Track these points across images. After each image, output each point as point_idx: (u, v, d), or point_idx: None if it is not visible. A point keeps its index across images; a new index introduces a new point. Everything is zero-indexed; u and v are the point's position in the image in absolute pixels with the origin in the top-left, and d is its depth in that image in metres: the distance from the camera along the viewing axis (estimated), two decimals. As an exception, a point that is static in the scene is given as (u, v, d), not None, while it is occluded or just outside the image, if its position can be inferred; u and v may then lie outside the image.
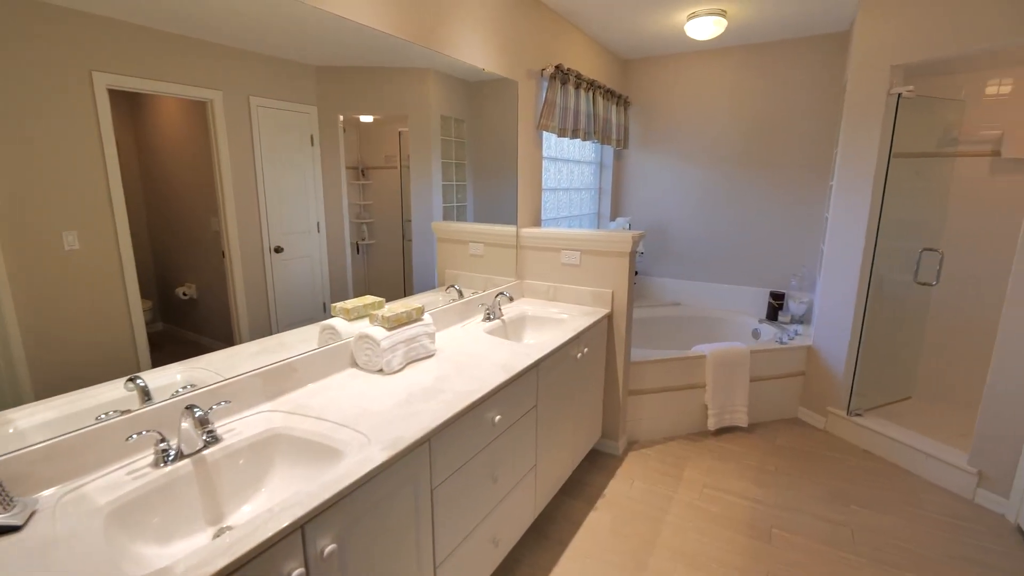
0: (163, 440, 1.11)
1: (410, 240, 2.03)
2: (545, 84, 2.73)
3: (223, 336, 1.39)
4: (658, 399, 2.77)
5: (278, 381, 1.44)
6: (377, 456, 1.12)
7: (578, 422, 2.25)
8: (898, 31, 2.44)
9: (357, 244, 1.76)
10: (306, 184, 1.58)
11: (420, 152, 2.01)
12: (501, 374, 1.59)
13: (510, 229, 2.62)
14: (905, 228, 2.82)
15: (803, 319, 3.43)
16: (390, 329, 1.63)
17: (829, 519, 2.15)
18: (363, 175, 1.76)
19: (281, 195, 1.50)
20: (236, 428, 1.26)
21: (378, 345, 1.58)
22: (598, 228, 4.02)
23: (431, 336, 1.77)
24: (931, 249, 2.78)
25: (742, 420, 2.86)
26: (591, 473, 2.46)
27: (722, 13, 2.77)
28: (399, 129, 1.91)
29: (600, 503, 2.23)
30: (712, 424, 2.81)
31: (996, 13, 2.11)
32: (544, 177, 3.16)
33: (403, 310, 1.69)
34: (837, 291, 2.81)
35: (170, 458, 1.10)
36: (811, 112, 3.29)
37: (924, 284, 2.82)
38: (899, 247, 2.82)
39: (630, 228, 3.85)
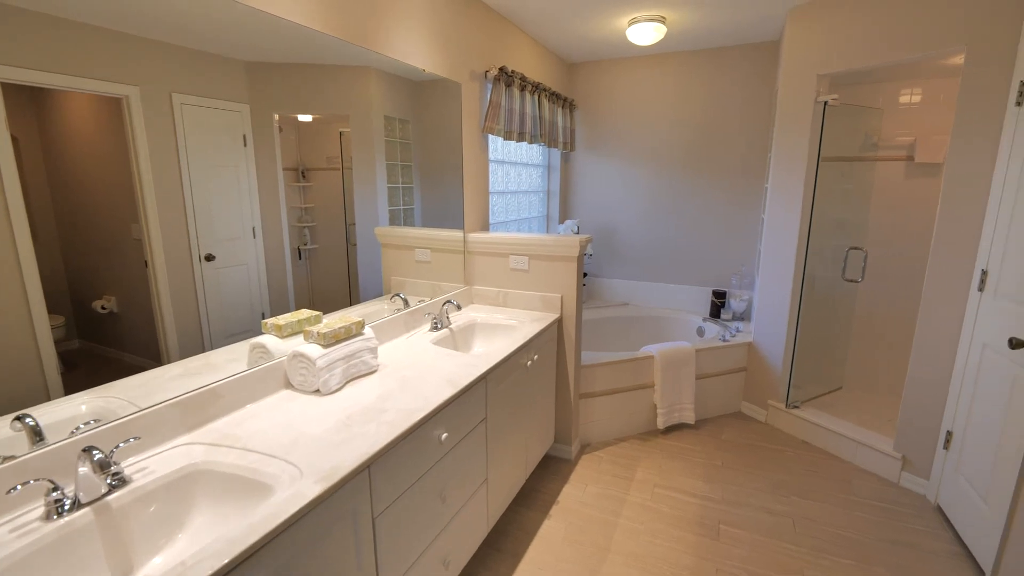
0: (56, 488, 0.97)
1: (355, 244, 1.94)
2: (489, 86, 2.68)
3: (150, 353, 1.26)
4: (609, 401, 2.79)
5: (200, 409, 1.32)
6: (310, 490, 1.03)
7: (530, 430, 2.22)
8: (822, 42, 2.57)
9: (299, 249, 1.66)
10: (240, 187, 1.47)
11: (363, 153, 1.93)
12: (448, 389, 1.53)
13: (457, 234, 2.56)
14: (833, 228, 2.98)
15: (744, 316, 3.57)
16: (327, 346, 1.53)
17: (772, 511, 2.23)
18: (303, 177, 1.67)
19: (211, 199, 1.38)
20: (149, 466, 1.13)
21: (313, 364, 1.47)
22: (547, 231, 4.02)
23: (373, 351, 1.68)
24: (856, 248, 2.95)
25: (690, 417, 2.93)
26: (545, 480, 2.44)
27: (661, 19, 2.82)
28: (340, 129, 1.83)
29: (554, 510, 2.21)
30: (661, 423, 2.87)
31: (907, 29, 2.25)
32: (491, 180, 3.12)
33: (341, 325, 1.59)
34: (774, 289, 2.93)
35: (65, 509, 0.97)
36: (746, 118, 3.42)
37: (851, 281, 2.99)
38: (828, 246, 2.98)
39: (579, 230, 3.88)
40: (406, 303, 2.19)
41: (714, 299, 3.62)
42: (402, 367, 1.73)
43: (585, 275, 3.97)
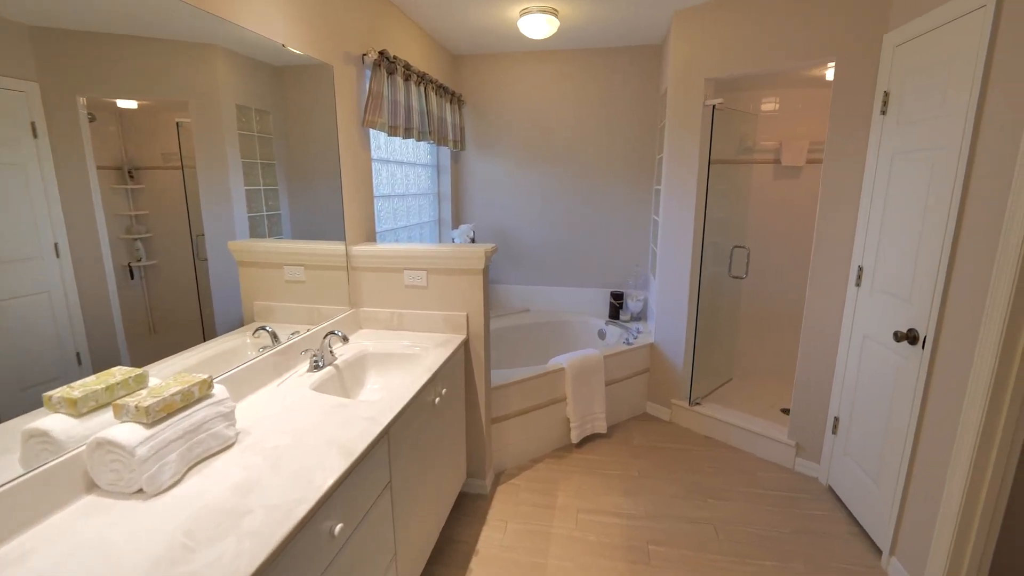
0: None
1: (205, 259, 1.50)
2: (368, 73, 2.29)
3: None
4: (521, 422, 2.58)
5: (-87, 565, 0.80)
6: None
7: (443, 473, 1.91)
8: (709, 47, 2.61)
9: (130, 267, 1.28)
10: (29, 191, 1.03)
11: (210, 149, 1.51)
12: (338, 460, 1.17)
13: (337, 247, 2.14)
14: (718, 228, 3.09)
15: (641, 316, 3.60)
16: (153, 423, 1.07)
17: (693, 519, 2.19)
18: (131, 177, 1.28)
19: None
20: None
21: (131, 455, 1.01)
22: (439, 236, 3.71)
23: (228, 416, 1.24)
24: (740, 246, 3.10)
25: (602, 427, 2.84)
26: (460, 524, 2.15)
27: (554, 12, 2.67)
28: (177, 119, 1.40)
29: (474, 563, 1.93)
30: (575, 437, 2.73)
31: (785, 39, 2.35)
32: (376, 182, 2.72)
33: (177, 389, 1.14)
34: (672, 289, 2.96)
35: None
36: (636, 119, 3.44)
37: (737, 277, 3.13)
38: (714, 245, 3.08)
39: (474, 235, 3.62)
40: (275, 337, 1.74)
41: (612, 300, 3.61)
42: (272, 433, 1.31)
43: (483, 282, 3.72)
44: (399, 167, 3.06)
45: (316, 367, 1.76)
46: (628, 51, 3.36)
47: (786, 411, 2.96)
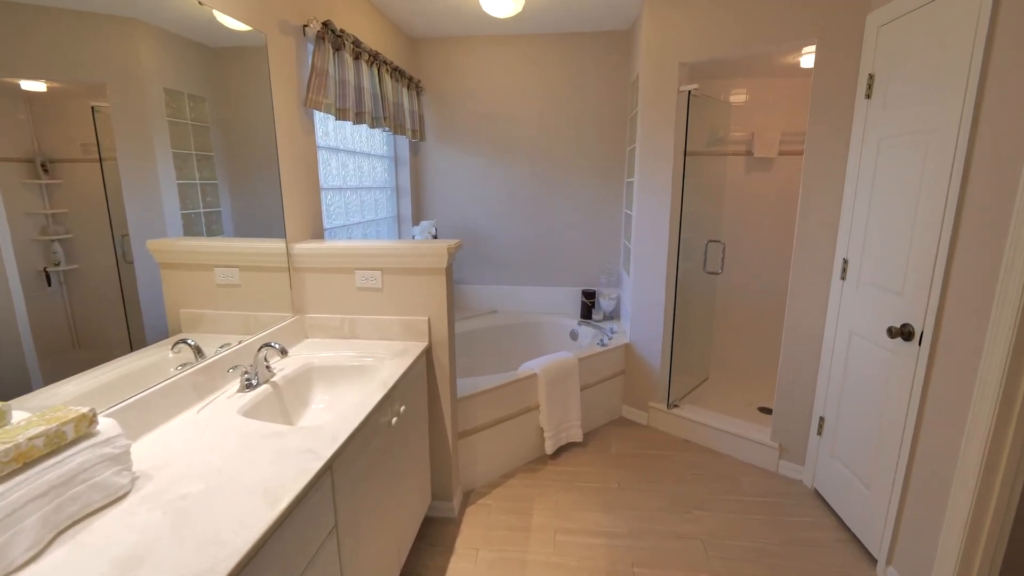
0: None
1: (131, 262, 1.27)
2: (311, 48, 2.02)
3: None
4: (491, 434, 2.36)
5: None
6: None
7: (401, 505, 1.67)
8: (682, 30, 2.47)
9: (47, 272, 1.09)
10: None
11: (133, 138, 1.29)
12: (263, 512, 0.92)
13: (277, 245, 1.86)
14: (692, 222, 2.97)
15: (614, 315, 3.45)
16: (1, 478, 0.79)
17: (679, 534, 2.03)
18: (45, 171, 1.10)
19: None
20: None
21: (-41, 529, 0.73)
22: (399, 234, 3.44)
23: (118, 459, 0.97)
24: (715, 240, 2.99)
25: (577, 435, 2.65)
26: (426, 554, 1.91)
27: (518, -12, 2.45)
28: (92, 104, 1.18)
29: (442, 602, 1.70)
30: (550, 447, 2.53)
31: (763, 21, 2.23)
32: (325, 173, 2.44)
33: (38, 431, 0.86)
34: (648, 287, 2.81)
35: None
36: (606, 109, 3.28)
37: (712, 273, 3.02)
38: (689, 239, 2.96)
39: (436, 232, 3.37)
40: (198, 352, 1.45)
41: (584, 299, 3.44)
42: (182, 477, 1.04)
43: (447, 283, 3.48)
44: (352, 157, 2.78)
45: (248, 386, 1.48)
46: (597, 36, 3.19)
47: (765, 410, 2.86)
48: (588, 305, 3.43)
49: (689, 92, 2.47)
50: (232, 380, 1.54)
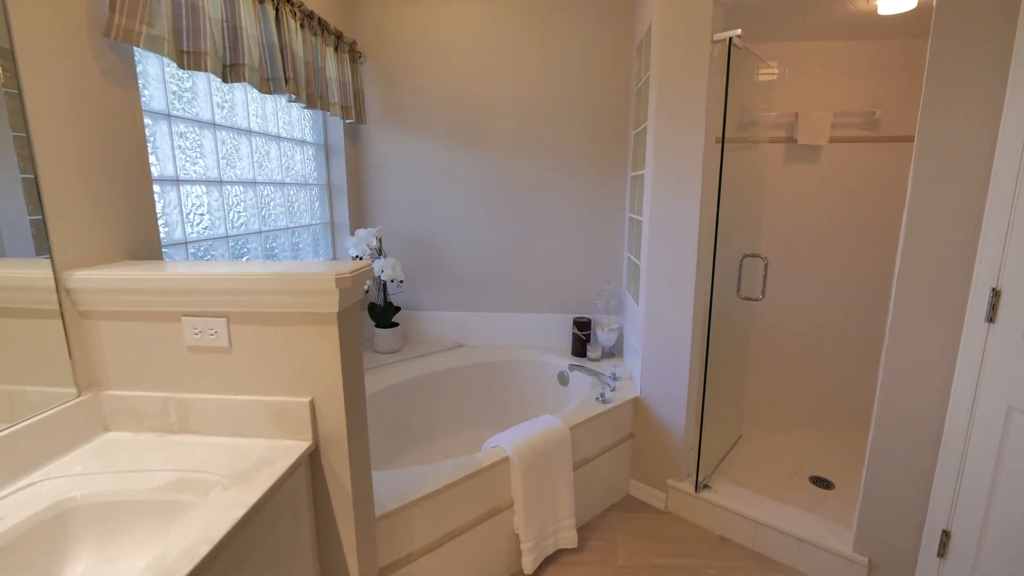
0: None
1: None
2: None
3: None
4: (439, 557, 1.53)
5: None
6: None
7: None
8: (718, -50, 1.70)
9: None
10: None
11: None
12: None
13: (29, 272, 1.02)
14: (724, 230, 2.19)
15: (614, 351, 2.66)
16: None
17: None
18: None
19: None
20: None
21: None
22: (332, 248, 2.61)
23: None
24: (753, 255, 2.21)
25: (569, 540, 1.84)
26: None
27: None
28: None
29: None
30: (530, 564, 1.71)
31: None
32: (194, 155, 1.60)
33: None
34: (666, 319, 2.02)
35: None
36: (602, 82, 2.50)
37: (749, 299, 2.24)
38: (720, 254, 2.18)
39: (380, 244, 2.56)
40: None
41: (576, 331, 2.63)
42: None
43: (398, 309, 2.66)
44: (246, 136, 1.95)
45: None
46: (590, -13, 2.42)
47: (819, 481, 2.09)
48: (582, 339, 2.62)
49: (730, 40, 1.69)
50: None
